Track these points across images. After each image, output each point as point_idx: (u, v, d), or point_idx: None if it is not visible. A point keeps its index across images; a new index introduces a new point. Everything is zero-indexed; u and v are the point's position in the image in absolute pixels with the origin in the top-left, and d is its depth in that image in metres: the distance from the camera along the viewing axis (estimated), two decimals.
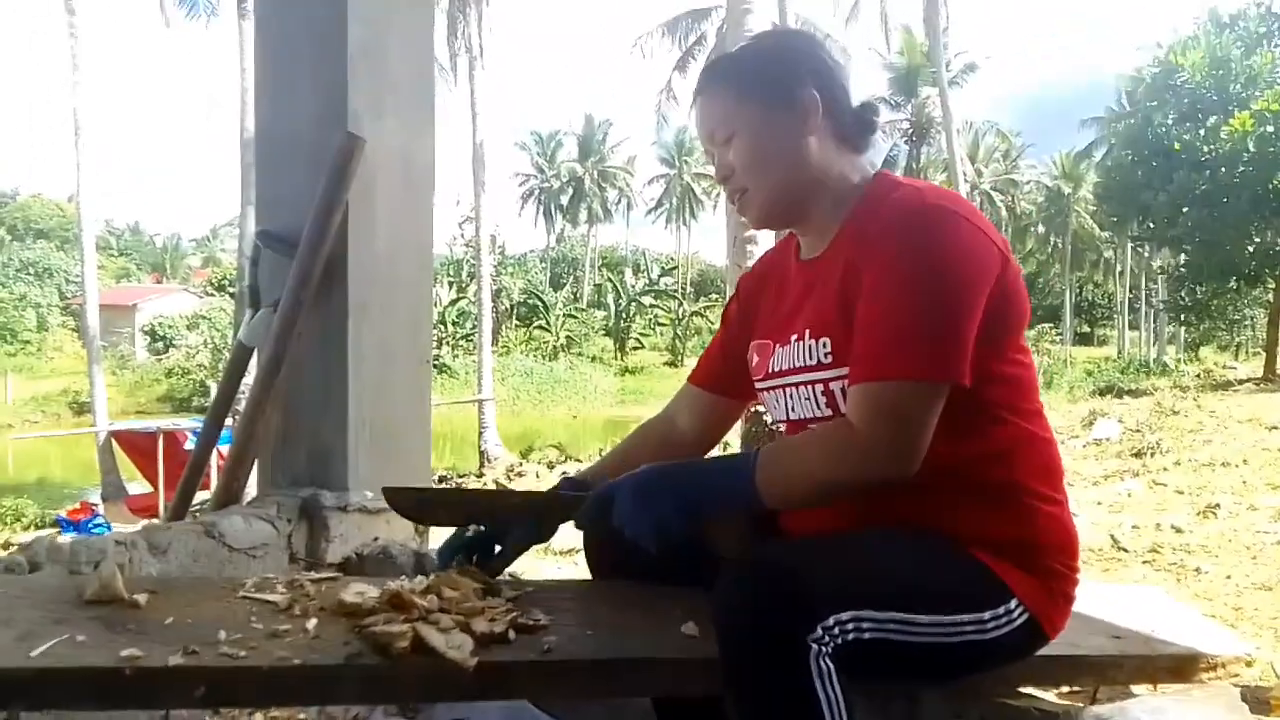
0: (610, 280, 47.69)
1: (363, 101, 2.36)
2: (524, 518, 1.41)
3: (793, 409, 1.35)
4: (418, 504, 1.53)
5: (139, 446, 12.74)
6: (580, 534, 1.47)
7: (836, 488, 1.20)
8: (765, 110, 1.32)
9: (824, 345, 1.28)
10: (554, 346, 40.44)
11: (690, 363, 15.62)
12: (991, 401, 1.24)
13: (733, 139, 1.34)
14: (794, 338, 1.33)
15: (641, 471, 1.25)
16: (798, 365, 1.32)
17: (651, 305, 45.79)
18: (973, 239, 1.19)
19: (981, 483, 1.26)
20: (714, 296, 46.60)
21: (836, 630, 1.09)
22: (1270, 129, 15.05)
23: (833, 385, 1.27)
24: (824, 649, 1.08)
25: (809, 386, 1.30)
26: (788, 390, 1.35)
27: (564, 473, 1.65)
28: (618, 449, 1.60)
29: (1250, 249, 17.80)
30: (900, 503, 1.22)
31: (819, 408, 1.30)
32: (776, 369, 1.37)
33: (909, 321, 1.16)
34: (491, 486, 11.41)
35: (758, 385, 1.44)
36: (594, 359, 40.98)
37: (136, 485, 13.42)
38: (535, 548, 1.50)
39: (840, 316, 1.25)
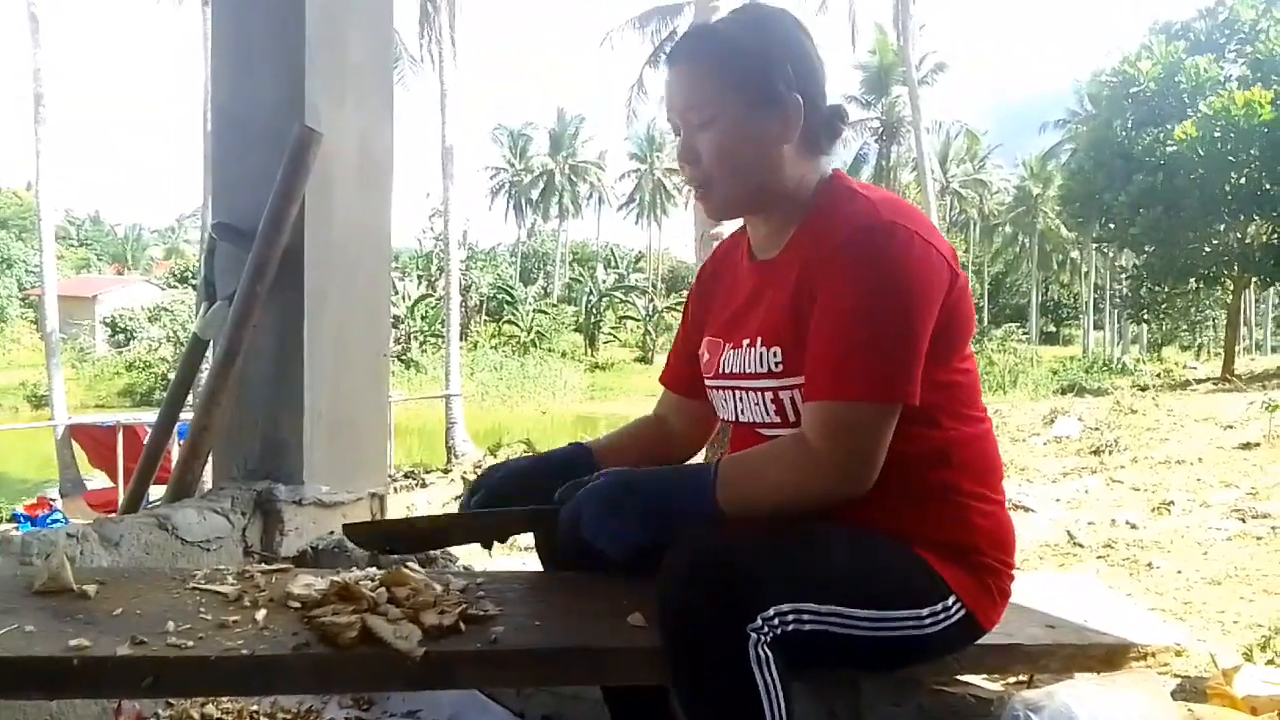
0: (581, 276, 47.58)
1: (321, 89, 2.34)
2: (485, 537, 1.41)
3: (742, 412, 1.36)
4: (378, 537, 1.54)
5: (98, 441, 12.52)
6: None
7: (795, 504, 1.21)
8: (749, 108, 1.28)
9: (775, 354, 1.28)
10: (523, 342, 40.32)
11: (660, 359, 15.62)
12: (930, 406, 1.25)
13: (708, 125, 1.29)
14: (745, 342, 1.33)
15: (605, 481, 1.24)
16: (748, 371, 1.33)
17: (622, 301, 45.75)
18: (924, 256, 1.20)
19: (918, 484, 1.27)
20: (684, 292, 46.41)
21: (776, 621, 1.11)
22: (1217, 133, 15.36)
23: (782, 394, 1.28)
24: (763, 638, 1.10)
25: (759, 393, 1.31)
26: (737, 393, 1.36)
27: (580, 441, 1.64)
28: (615, 435, 1.59)
29: (1207, 250, 18.15)
30: (842, 505, 1.22)
31: (768, 414, 1.31)
32: (726, 370, 1.37)
33: (863, 342, 1.18)
34: (458, 482, 11.37)
35: (707, 382, 1.43)
36: (564, 354, 40.91)
37: (95, 480, 13.18)
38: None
39: (792, 327, 1.26)
